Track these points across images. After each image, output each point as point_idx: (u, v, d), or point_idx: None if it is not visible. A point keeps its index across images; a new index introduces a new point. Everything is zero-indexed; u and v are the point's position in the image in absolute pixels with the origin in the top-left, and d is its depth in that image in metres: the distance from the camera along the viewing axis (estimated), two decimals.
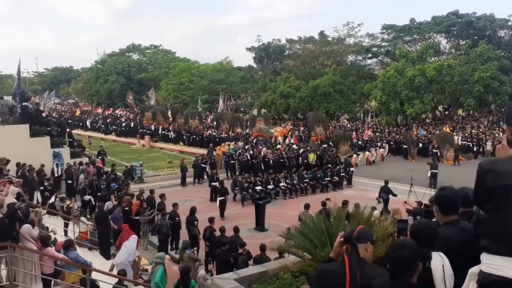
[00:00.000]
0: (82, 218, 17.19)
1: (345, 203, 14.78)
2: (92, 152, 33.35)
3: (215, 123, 46.46)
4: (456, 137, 38.40)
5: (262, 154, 30.20)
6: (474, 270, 2.91)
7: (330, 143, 37.83)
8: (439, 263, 3.30)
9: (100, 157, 28.43)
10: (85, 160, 26.33)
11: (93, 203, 19.84)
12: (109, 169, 25.24)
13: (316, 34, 67.75)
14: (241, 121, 46.80)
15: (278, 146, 33.82)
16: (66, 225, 17.06)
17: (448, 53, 56.78)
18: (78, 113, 62.45)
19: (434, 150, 35.37)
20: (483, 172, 2.70)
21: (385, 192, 21.47)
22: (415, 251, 3.11)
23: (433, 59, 52.56)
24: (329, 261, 3.77)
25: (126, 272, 11.12)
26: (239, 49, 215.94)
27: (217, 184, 23.69)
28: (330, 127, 46.92)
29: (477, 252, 3.65)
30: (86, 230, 16.76)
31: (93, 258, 13.72)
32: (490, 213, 2.73)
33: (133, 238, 12.67)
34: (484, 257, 2.70)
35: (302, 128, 47.82)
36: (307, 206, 16.70)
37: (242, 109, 69.28)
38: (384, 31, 60.78)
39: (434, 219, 4.00)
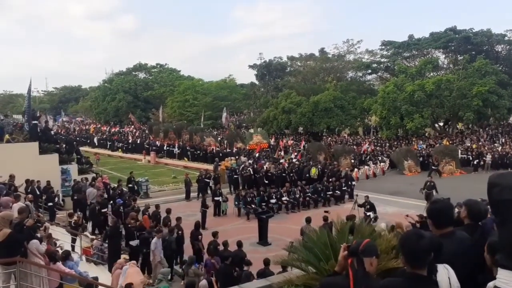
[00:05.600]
0: (86, 233, 17.10)
1: (350, 217, 14.67)
2: (99, 168, 33.36)
3: (219, 138, 46.63)
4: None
5: (265, 168, 30.16)
6: (490, 285, 2.84)
7: (328, 156, 37.66)
8: (445, 275, 3.20)
9: (130, 185, 27.57)
10: (91, 176, 26.36)
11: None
12: (115, 185, 25.23)
13: (316, 51, 68.54)
14: (241, 136, 46.87)
15: (281, 161, 33.74)
16: (73, 241, 16.97)
17: (447, 68, 56.85)
18: (92, 130, 62.54)
19: (433, 167, 35.05)
20: (490, 186, 2.64)
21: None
22: (432, 241, 3.01)
23: (431, 74, 52.52)
24: (334, 274, 3.69)
25: None
26: (241, 66, 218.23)
27: (220, 198, 23.68)
28: (330, 142, 46.87)
29: (475, 264, 3.58)
30: (89, 245, 16.64)
31: (100, 272, 13.64)
32: (500, 227, 2.66)
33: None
34: (498, 272, 2.62)
35: (303, 143, 47.74)
36: (308, 220, 16.57)
37: (244, 124, 69.49)
38: (383, 47, 61.01)
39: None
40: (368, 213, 20.39)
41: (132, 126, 65.49)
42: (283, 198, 25.16)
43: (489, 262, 3.39)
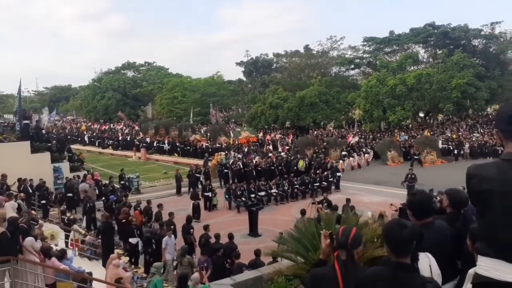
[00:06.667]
0: (75, 226, 17.02)
1: (335, 208, 14.78)
2: (90, 166, 33.14)
3: (208, 134, 46.47)
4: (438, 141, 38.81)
5: (254, 162, 30.20)
6: (471, 272, 2.88)
7: (320, 150, 37.68)
8: (426, 263, 3.27)
9: (122, 181, 27.06)
10: (83, 173, 26.22)
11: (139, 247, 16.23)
12: (107, 182, 25.12)
13: (301, 48, 68.67)
14: (224, 130, 46.75)
15: (270, 155, 33.77)
16: (67, 237, 16.88)
17: (426, 62, 57.31)
18: (83, 128, 62.04)
19: (415, 157, 35.45)
20: (468, 177, 2.66)
21: None
22: (413, 231, 3.03)
23: (412, 68, 52.98)
24: (319, 263, 3.72)
25: None
26: (229, 64, 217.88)
27: (209, 194, 23.71)
28: (318, 136, 47.01)
29: (452, 253, 3.64)
30: (78, 238, 16.56)
31: (94, 268, 13.57)
32: (479, 217, 2.69)
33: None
34: (478, 259, 2.66)
35: (291, 137, 47.81)
36: (303, 212, 16.60)
37: (233, 120, 69.43)
38: (365, 43, 61.29)
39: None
40: (326, 211, 20.32)
41: (122, 124, 65.09)
42: (272, 191, 25.21)
43: (470, 248, 3.44)
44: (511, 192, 2.43)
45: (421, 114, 55.85)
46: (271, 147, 41.22)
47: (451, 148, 38.35)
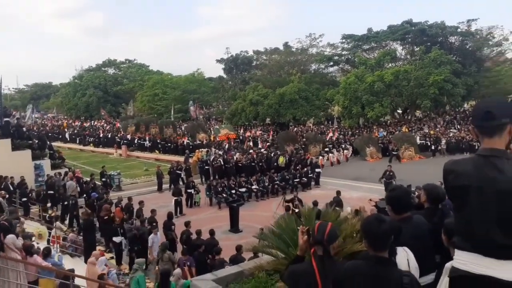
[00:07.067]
0: (58, 224, 16.84)
1: (315, 203, 14.82)
2: (71, 163, 32.78)
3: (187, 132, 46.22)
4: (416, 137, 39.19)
5: (235, 159, 30.17)
6: (448, 265, 2.90)
7: (300, 146, 37.77)
8: (404, 257, 3.29)
9: (104, 179, 26.92)
10: (64, 170, 25.94)
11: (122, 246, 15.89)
12: (88, 179, 24.86)
13: (281, 45, 68.63)
14: (203, 127, 46.60)
15: (250, 151, 33.76)
16: (49, 235, 16.67)
17: (404, 59, 57.71)
18: (65, 125, 61.24)
19: (393, 152, 35.78)
20: (445, 173, 2.68)
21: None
22: (392, 225, 3.06)
23: (390, 65, 53.41)
24: (297, 259, 3.72)
25: None
26: (209, 61, 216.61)
27: (192, 190, 23.62)
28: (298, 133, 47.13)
29: (430, 247, 3.68)
30: (59, 235, 16.37)
31: (76, 265, 13.43)
32: (456, 212, 2.71)
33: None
34: (455, 252, 2.69)
35: (271, 133, 47.88)
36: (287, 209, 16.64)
37: (214, 117, 69.26)
38: (344, 40, 61.47)
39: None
40: (296, 210, 20.07)
41: (103, 121, 64.44)
42: (253, 187, 25.22)
43: (446, 242, 3.48)
44: (487, 187, 2.45)
45: (399, 111, 56.39)
46: (251, 143, 41.22)
47: (429, 144, 38.71)
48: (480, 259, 2.50)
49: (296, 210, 18.61)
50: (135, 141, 43.23)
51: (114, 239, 15.54)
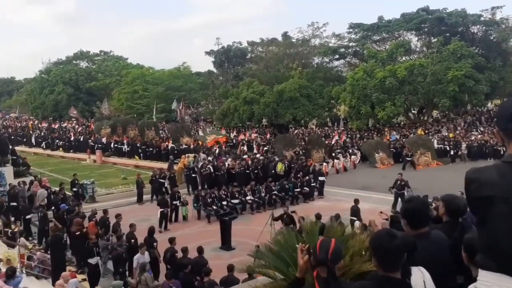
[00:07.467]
0: (22, 240, 16.75)
1: (318, 216, 14.78)
2: (38, 170, 32.70)
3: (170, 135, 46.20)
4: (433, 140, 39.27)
5: (226, 165, 30.12)
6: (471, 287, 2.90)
7: (301, 151, 37.79)
8: (420, 278, 3.25)
9: (75, 188, 26.82)
10: (29, 179, 25.85)
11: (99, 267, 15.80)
12: (57, 189, 24.76)
13: (279, 36, 68.73)
14: (187, 130, 46.58)
15: (244, 157, 33.75)
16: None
17: (420, 51, 57.94)
18: (30, 126, 61.13)
19: (407, 158, 35.82)
20: (467, 182, 2.67)
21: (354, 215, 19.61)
22: (405, 241, 3.06)
23: (403, 58, 53.52)
24: (296, 283, 3.69)
25: None
26: (197, 53, 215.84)
27: (177, 202, 23.53)
28: (299, 135, 47.18)
29: (451, 267, 3.66)
30: (23, 254, 16.24)
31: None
32: (479, 226, 2.71)
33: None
34: (478, 273, 2.69)
35: (268, 136, 47.89)
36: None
37: (202, 117, 69.21)
38: (351, 30, 61.56)
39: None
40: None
41: (75, 122, 64.32)
42: (247, 198, 25.19)
43: (466, 261, 3.46)
44: None
45: (414, 111, 56.44)
46: (245, 148, 41.21)
47: (448, 148, 38.80)
48: (508, 280, 2.50)
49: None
50: (111, 145, 43.12)
51: (90, 260, 15.23)
